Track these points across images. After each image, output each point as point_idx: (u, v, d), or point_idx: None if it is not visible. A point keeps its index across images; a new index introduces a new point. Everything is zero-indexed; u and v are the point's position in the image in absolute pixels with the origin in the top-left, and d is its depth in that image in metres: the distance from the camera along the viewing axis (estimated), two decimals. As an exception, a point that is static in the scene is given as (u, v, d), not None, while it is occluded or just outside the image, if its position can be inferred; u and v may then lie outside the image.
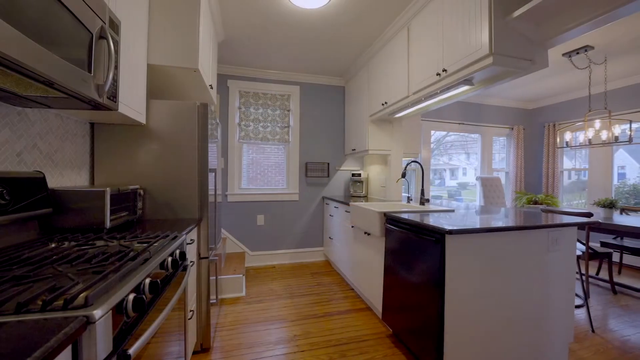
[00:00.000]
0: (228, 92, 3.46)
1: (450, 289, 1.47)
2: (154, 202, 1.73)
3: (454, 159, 6.42)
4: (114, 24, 1.13)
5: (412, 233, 1.70)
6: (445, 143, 6.89)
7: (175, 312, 1.13)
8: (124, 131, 1.67)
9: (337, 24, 2.53)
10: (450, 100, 2.22)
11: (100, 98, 1.06)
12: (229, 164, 3.46)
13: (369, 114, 3.13)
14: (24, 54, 0.71)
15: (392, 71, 2.59)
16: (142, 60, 1.61)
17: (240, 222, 3.53)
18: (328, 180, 3.86)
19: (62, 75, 0.85)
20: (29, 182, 1.07)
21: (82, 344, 0.55)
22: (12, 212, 0.98)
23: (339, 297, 2.65)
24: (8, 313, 0.54)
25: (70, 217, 1.21)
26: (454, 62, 1.80)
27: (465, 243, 1.49)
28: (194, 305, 1.70)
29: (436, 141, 6.89)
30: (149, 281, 0.82)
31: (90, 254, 0.87)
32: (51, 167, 1.30)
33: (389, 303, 1.99)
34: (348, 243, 2.88)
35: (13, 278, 0.68)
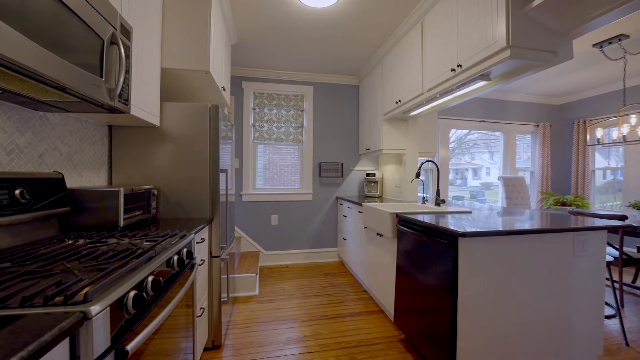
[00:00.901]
0: (243, 94, 3.52)
1: (464, 295, 1.40)
2: (167, 201, 1.78)
3: (477, 158, 6.18)
4: (125, 29, 1.17)
5: (424, 235, 1.65)
6: (468, 142, 6.64)
7: (182, 309, 1.15)
8: (139, 133, 1.74)
9: (348, 22, 2.50)
10: (467, 96, 2.13)
11: (112, 101, 1.10)
12: (243, 165, 3.52)
13: (382, 112, 3.08)
14: (36, 61, 0.75)
15: (406, 68, 2.53)
16: (155, 65, 1.66)
17: (255, 222, 3.58)
18: (342, 180, 3.84)
19: (73, 80, 0.89)
20: (49, 182, 1.13)
21: (80, 339, 0.57)
22: (32, 211, 1.03)
23: (351, 299, 2.62)
24: (13, 306, 0.57)
25: (87, 215, 1.27)
26: (469, 57, 1.72)
27: (480, 246, 1.42)
28: (205, 303, 1.74)
29: (457, 140, 6.66)
30: (151, 279, 0.84)
31: (99, 252, 0.91)
32: (70, 168, 1.37)
33: (401, 306, 1.94)
34: (361, 244, 2.84)
35: (25, 273, 0.72)
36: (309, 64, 3.37)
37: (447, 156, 4.10)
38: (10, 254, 0.88)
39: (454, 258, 1.41)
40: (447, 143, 4.11)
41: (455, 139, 6.51)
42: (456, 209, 2.17)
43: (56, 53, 0.82)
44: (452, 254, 1.42)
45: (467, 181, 7.67)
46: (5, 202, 0.94)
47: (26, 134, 1.12)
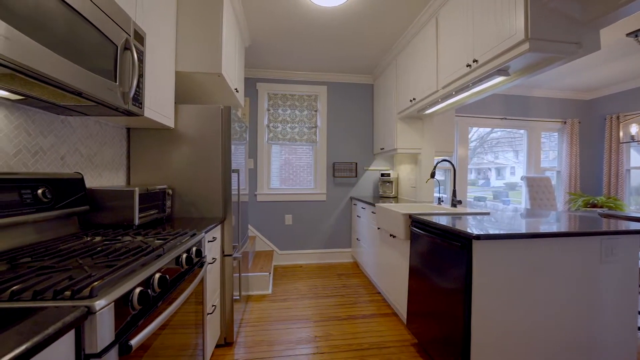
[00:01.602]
0: (257, 95, 3.57)
1: (478, 300, 1.34)
2: (182, 201, 1.84)
3: (501, 157, 5.94)
4: (139, 35, 1.22)
5: (436, 237, 1.59)
6: (491, 140, 6.38)
7: (192, 306, 1.18)
8: (156, 135, 1.80)
9: (360, 20, 2.47)
10: (485, 93, 2.05)
11: (126, 105, 1.14)
12: (258, 165, 3.57)
13: (397, 111, 3.02)
14: (53, 69, 0.79)
15: (421, 65, 2.46)
16: (170, 68, 1.72)
17: (269, 222, 3.62)
18: (356, 180, 3.80)
19: (88, 85, 0.93)
20: (69, 183, 1.20)
21: (84, 332, 0.60)
22: (53, 209, 1.10)
23: (364, 300, 2.59)
24: (26, 299, 0.61)
25: (104, 214, 1.33)
26: (485, 52, 1.65)
27: (496, 250, 1.35)
28: (217, 300, 1.77)
29: (479, 138, 6.41)
30: (158, 276, 0.86)
31: (111, 249, 0.95)
32: (91, 168, 1.45)
33: (413, 310, 1.89)
34: (374, 245, 2.80)
35: (41, 267, 0.76)
36: (322, 63, 3.37)
37: (466, 155, 3.96)
38: (32, 249, 0.94)
39: (468, 261, 1.36)
40: (465, 142, 3.97)
41: (477, 138, 6.26)
42: (473, 210, 2.09)
43: (72, 60, 0.86)
44: (465, 257, 1.37)
45: (490, 181, 7.37)
46: (29, 201, 1.00)
47: (49, 137, 1.19)
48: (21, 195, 0.97)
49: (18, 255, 0.87)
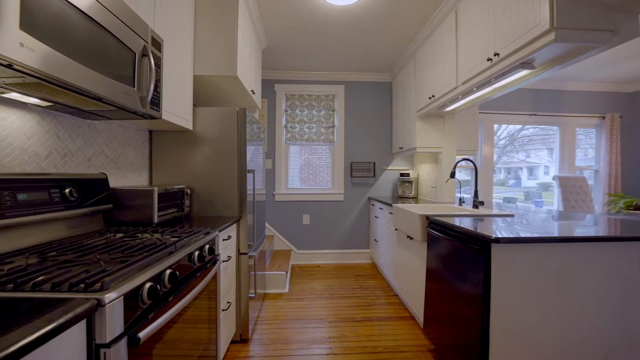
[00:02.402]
0: (275, 96, 3.62)
1: (497, 307, 1.27)
2: (200, 200, 1.90)
3: (532, 155, 5.62)
4: (156, 42, 1.28)
5: (454, 239, 1.53)
6: (522, 138, 6.04)
7: (204, 302, 1.22)
8: (175, 137, 1.88)
9: (377, 16, 2.43)
10: (509, 88, 1.94)
11: (144, 108, 1.20)
12: (275, 165, 3.62)
13: (416, 109, 2.94)
14: (75, 77, 0.85)
15: (440, 61, 2.38)
16: (188, 72, 1.79)
17: (287, 221, 3.66)
18: (374, 180, 3.74)
19: (108, 91, 0.99)
20: (94, 183, 1.28)
21: (95, 323, 0.63)
22: (79, 207, 1.18)
23: (381, 303, 2.54)
24: (45, 290, 0.65)
25: (126, 212, 1.41)
26: (507, 44, 1.56)
27: (518, 254, 1.27)
28: (233, 297, 1.82)
29: (509, 136, 6.08)
30: (169, 272, 0.90)
31: (128, 245, 1.00)
32: (115, 169, 1.54)
33: (430, 314, 1.83)
34: (392, 246, 2.74)
35: (63, 261, 0.82)
36: (339, 63, 3.36)
37: (492, 154, 3.77)
38: (59, 244, 1.01)
39: (486, 266, 1.29)
40: (491, 140, 3.78)
41: (507, 135, 5.93)
42: (496, 211, 1.99)
43: (92, 68, 0.92)
44: (483, 261, 1.30)
45: (521, 181, 6.97)
46: (57, 199, 1.08)
47: (77, 140, 1.28)
48: (50, 194, 1.05)
49: (47, 249, 0.95)
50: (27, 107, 1.06)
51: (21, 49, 0.69)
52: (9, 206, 0.91)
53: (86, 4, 0.88)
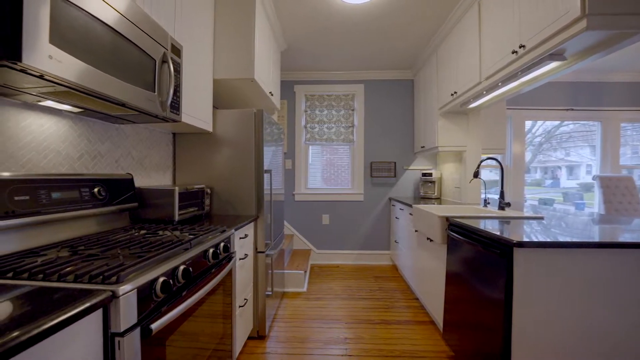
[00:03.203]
0: (295, 97, 3.66)
1: (520, 315, 1.20)
2: (219, 199, 1.97)
3: (573, 153, 5.24)
4: (175, 48, 1.34)
5: (474, 242, 1.46)
6: (560, 135, 5.63)
7: (219, 297, 1.26)
8: (197, 138, 1.97)
9: (396, 11, 2.38)
10: (538, 81, 1.82)
11: (164, 112, 1.27)
12: (295, 165, 3.66)
13: (438, 106, 2.84)
14: (100, 85, 0.91)
15: (462, 56, 2.28)
16: (208, 77, 1.86)
17: (307, 221, 3.69)
18: (395, 180, 3.66)
19: (130, 97, 1.06)
20: (121, 182, 1.37)
21: (110, 313, 0.68)
22: (107, 206, 1.27)
23: (400, 306, 2.48)
24: (69, 280, 0.71)
25: (150, 210, 1.50)
26: (533, 35, 1.46)
27: (544, 259, 1.19)
28: (250, 294, 1.86)
29: (546, 132, 5.69)
30: (182, 268, 0.94)
31: (147, 241, 1.06)
32: (141, 170, 1.64)
33: (450, 319, 1.76)
34: (412, 248, 2.67)
35: (88, 255, 0.89)
36: (358, 61, 3.32)
37: (523, 152, 3.54)
38: (87, 239, 1.10)
39: (508, 271, 1.21)
40: (521, 137, 3.55)
41: (543, 132, 5.54)
42: (523, 213, 1.87)
43: (115, 76, 0.98)
44: (505, 267, 1.23)
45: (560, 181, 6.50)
46: (87, 197, 1.17)
47: (106, 143, 1.38)
48: (81, 193, 1.15)
49: (77, 243, 1.03)
50: (61, 114, 1.16)
51: (50, 61, 0.76)
52: (44, 204, 1.00)
53: (112, 18, 0.95)
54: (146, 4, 1.26)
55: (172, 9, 1.45)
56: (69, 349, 0.59)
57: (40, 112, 1.08)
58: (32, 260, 0.83)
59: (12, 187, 0.92)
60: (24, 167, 1.02)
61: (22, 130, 1.02)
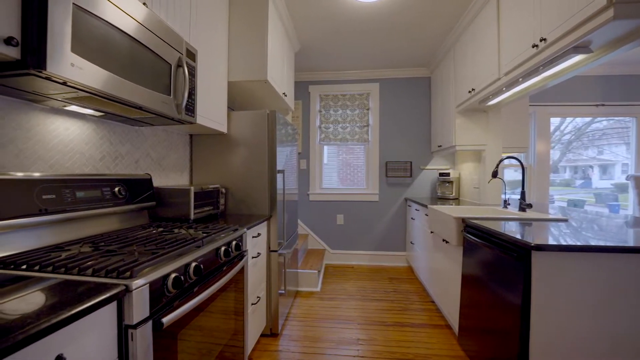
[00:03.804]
0: (309, 98, 3.68)
1: (539, 322, 1.14)
2: (234, 199, 2.02)
3: (606, 151, 4.98)
4: (190, 53, 1.39)
5: (490, 245, 1.41)
6: (592, 132, 5.32)
7: (231, 294, 1.29)
8: (212, 140, 2.02)
9: (410, 8, 2.33)
10: (562, 76, 1.72)
11: (180, 114, 1.32)
12: (310, 165, 3.67)
13: (455, 104, 2.76)
14: (119, 90, 0.96)
15: (480, 51, 2.20)
16: (222, 79, 1.91)
17: (321, 221, 3.70)
18: (411, 180, 3.60)
19: (147, 100, 1.11)
20: (140, 182, 1.44)
21: (124, 305, 0.72)
22: (126, 204, 1.33)
23: (415, 308, 2.43)
24: (87, 274, 0.76)
25: (167, 209, 1.56)
26: (555, 27, 1.39)
27: (564, 263, 1.13)
28: (263, 292, 1.89)
29: (576, 129, 5.37)
30: (194, 265, 0.97)
31: (162, 239, 1.11)
32: (159, 170, 1.71)
33: (466, 324, 1.70)
34: (428, 250, 2.61)
35: (107, 251, 0.94)
36: (373, 60, 3.29)
37: (547, 151, 3.37)
38: (108, 236, 1.16)
39: (526, 275, 1.16)
40: (546, 135, 3.38)
41: (573, 129, 5.22)
42: (545, 215, 1.78)
43: (133, 81, 1.04)
44: (522, 271, 1.18)
45: (592, 181, 6.15)
46: (108, 197, 1.24)
47: (126, 145, 1.46)
48: (102, 192, 1.21)
49: (98, 239, 1.09)
50: (85, 118, 1.23)
51: (72, 68, 0.81)
52: (69, 202, 1.07)
53: (130, 27, 1.00)
54: (162, 10, 1.31)
55: (188, 14, 1.50)
56: (87, 337, 0.63)
57: (66, 117, 1.15)
58: (57, 255, 0.89)
59: (41, 187, 0.99)
60: (51, 168, 1.10)
61: (50, 133, 1.09)
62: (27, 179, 0.96)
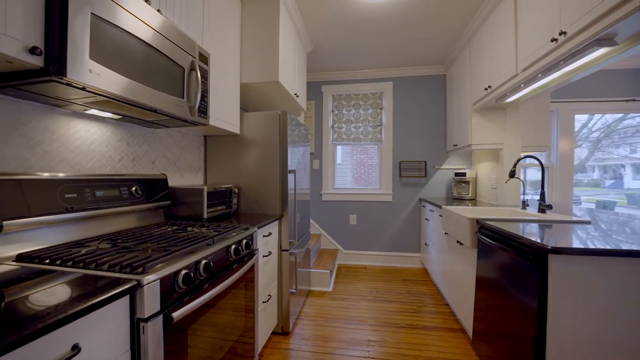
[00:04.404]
0: (322, 98, 3.69)
1: (556, 328, 1.09)
2: (247, 198, 2.06)
3: None
4: (203, 56, 1.43)
5: (505, 247, 1.36)
6: (624, 129, 5.04)
7: (241, 291, 1.32)
8: (226, 140, 2.07)
9: (424, 4, 2.29)
10: (585, 70, 1.64)
11: (192, 116, 1.36)
12: (322, 165, 3.68)
13: (471, 102, 2.68)
14: (134, 94, 1.01)
15: (496, 47, 2.13)
16: (235, 81, 1.95)
17: (334, 221, 3.70)
18: (426, 180, 3.53)
19: (161, 103, 1.15)
20: (156, 182, 1.50)
21: (136, 299, 0.75)
22: (144, 203, 1.39)
23: (428, 311, 2.39)
24: (103, 269, 0.80)
25: (181, 208, 1.62)
26: (576, 20, 1.33)
27: (584, 268, 1.07)
28: (274, 291, 1.92)
29: (605, 127, 5.10)
30: (204, 262, 1.00)
31: (175, 237, 1.15)
32: (174, 170, 1.77)
33: (480, 329, 1.65)
34: (442, 251, 2.55)
35: (122, 247, 0.99)
36: (387, 59, 3.25)
37: (571, 149, 3.20)
38: (125, 233, 1.22)
39: (542, 279, 1.12)
40: (570, 132, 3.21)
41: (602, 126, 4.94)
42: (566, 217, 1.69)
43: (147, 85, 1.08)
44: (538, 274, 1.13)
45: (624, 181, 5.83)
46: (125, 196, 1.30)
47: (143, 146, 1.52)
48: (120, 191, 1.27)
49: (116, 237, 1.15)
50: (104, 121, 1.30)
51: (90, 74, 0.86)
52: (89, 201, 1.13)
53: (145, 34, 1.04)
54: (176, 15, 1.36)
55: (201, 18, 1.55)
56: (101, 328, 0.66)
57: (87, 120, 1.22)
58: (77, 251, 0.94)
59: (64, 186, 1.06)
60: (73, 168, 1.16)
61: (72, 135, 1.16)
62: (53, 179, 1.03)
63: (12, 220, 0.89)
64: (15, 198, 0.91)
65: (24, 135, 1.00)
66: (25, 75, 0.79)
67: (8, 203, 0.89)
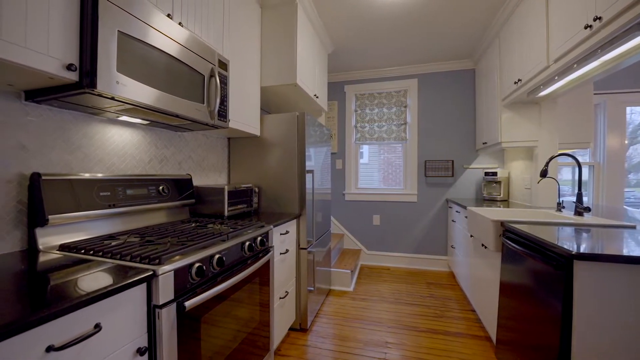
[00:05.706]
0: (345, 97, 3.69)
1: (581, 338, 1.01)
2: (267, 197, 2.14)
3: None
4: (222, 63, 1.52)
5: (529, 251, 1.28)
6: None
7: (255, 286, 1.38)
8: (248, 142, 2.17)
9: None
10: (630, 57, 1.48)
11: (212, 120, 1.45)
12: (345, 165, 3.68)
13: (501, 97, 2.53)
14: (157, 102, 1.11)
15: (526, 38, 1.99)
16: (255, 85, 2.03)
17: (357, 221, 3.68)
18: (453, 180, 3.38)
19: (182, 109, 1.25)
20: (182, 182, 1.62)
21: (152, 287, 0.83)
22: (169, 201, 1.51)
23: (452, 316, 2.29)
24: (126, 260, 0.90)
25: (205, 206, 1.72)
26: (612, 3, 1.21)
27: (614, 275, 0.98)
28: (292, 288, 1.97)
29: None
30: (217, 256, 1.07)
31: (194, 233, 1.24)
32: (199, 171, 1.89)
33: (503, 337, 1.57)
34: (467, 255, 2.44)
35: (146, 241, 1.09)
36: (411, 55, 3.17)
37: (622, 146, 2.88)
38: (152, 228, 1.33)
39: (566, 287, 1.04)
40: (620, 127, 2.89)
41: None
42: (605, 221, 1.54)
43: (169, 92, 1.18)
44: (562, 281, 1.05)
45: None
46: (153, 194, 1.42)
47: (170, 148, 1.65)
48: (148, 190, 1.40)
49: (142, 231, 1.26)
50: (135, 126, 1.43)
51: (117, 85, 0.96)
52: (120, 198, 1.25)
53: (169, 46, 1.14)
54: (197, 26, 1.46)
55: (221, 27, 1.64)
56: (121, 311, 0.75)
57: (120, 126, 1.35)
58: (108, 243, 1.06)
59: (100, 185, 1.19)
60: (108, 169, 1.30)
61: (107, 140, 1.30)
62: (92, 179, 1.16)
63: (56, 215, 1.03)
64: (60, 196, 1.05)
65: (67, 140, 1.15)
66: (63, 88, 0.91)
67: (54, 200, 1.03)
